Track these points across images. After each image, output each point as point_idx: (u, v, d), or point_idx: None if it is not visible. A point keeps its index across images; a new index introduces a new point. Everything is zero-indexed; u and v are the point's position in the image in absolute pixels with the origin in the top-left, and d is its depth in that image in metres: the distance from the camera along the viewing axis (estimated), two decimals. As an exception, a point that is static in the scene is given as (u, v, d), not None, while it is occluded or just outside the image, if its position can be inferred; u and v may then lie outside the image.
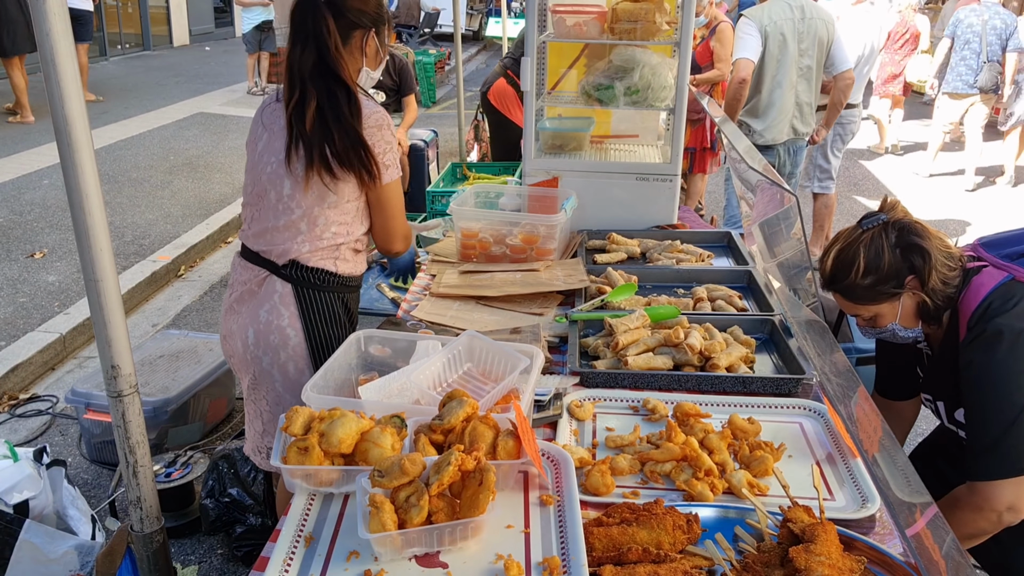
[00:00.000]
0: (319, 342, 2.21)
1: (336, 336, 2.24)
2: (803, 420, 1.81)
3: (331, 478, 1.43)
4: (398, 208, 2.23)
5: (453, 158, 6.30)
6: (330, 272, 2.19)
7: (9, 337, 4.51)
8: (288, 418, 1.45)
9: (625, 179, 3.12)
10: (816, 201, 6.04)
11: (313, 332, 2.21)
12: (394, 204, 2.21)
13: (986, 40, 7.65)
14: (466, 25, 17.68)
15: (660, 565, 1.23)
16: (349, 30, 2.11)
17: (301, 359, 2.20)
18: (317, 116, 2.05)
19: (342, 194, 2.12)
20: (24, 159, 7.93)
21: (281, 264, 2.17)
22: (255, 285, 2.21)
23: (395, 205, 2.21)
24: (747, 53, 4.65)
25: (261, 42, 11.33)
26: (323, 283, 2.20)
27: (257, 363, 2.20)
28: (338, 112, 2.05)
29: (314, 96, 2.05)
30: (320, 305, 2.21)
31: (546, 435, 1.74)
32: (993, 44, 7.66)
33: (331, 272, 2.19)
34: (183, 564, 2.96)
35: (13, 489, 2.58)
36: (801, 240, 2.29)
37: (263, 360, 2.19)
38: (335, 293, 2.23)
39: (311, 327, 2.20)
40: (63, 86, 1.37)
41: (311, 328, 2.20)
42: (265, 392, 2.24)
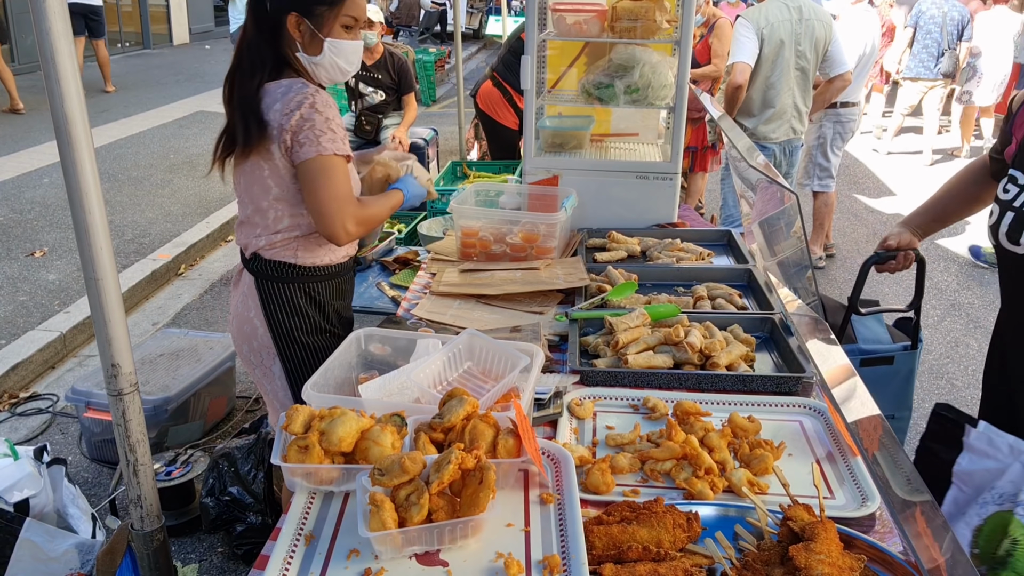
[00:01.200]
0: (281, 333, 2.24)
1: (299, 327, 2.25)
2: (803, 418, 1.81)
3: (331, 476, 1.43)
4: (326, 189, 2.03)
5: (453, 156, 6.30)
6: (289, 264, 2.19)
7: (9, 336, 4.51)
8: (288, 416, 1.45)
9: (625, 178, 3.12)
10: (816, 199, 6.04)
11: (274, 323, 2.24)
12: (319, 184, 2.02)
13: (946, 30, 8.49)
14: (466, 24, 17.67)
15: (660, 563, 1.23)
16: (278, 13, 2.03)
17: (267, 350, 2.26)
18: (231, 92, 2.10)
19: (276, 181, 2.09)
20: (24, 157, 7.93)
21: (247, 257, 2.24)
22: (238, 276, 2.32)
23: (321, 185, 2.02)
24: (743, 57, 4.65)
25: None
26: (282, 275, 2.21)
27: (240, 351, 2.33)
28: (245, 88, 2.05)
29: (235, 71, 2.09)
30: (280, 297, 2.22)
31: (546, 433, 1.74)
32: (952, 34, 8.52)
33: (290, 264, 2.19)
34: (183, 562, 2.96)
35: (13, 487, 2.58)
36: (801, 239, 2.29)
37: (243, 349, 2.31)
38: (296, 284, 2.22)
39: (272, 318, 2.24)
40: (63, 84, 1.37)
41: (272, 319, 2.24)
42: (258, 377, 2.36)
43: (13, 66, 10.55)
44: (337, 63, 2.10)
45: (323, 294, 2.28)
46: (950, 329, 5.10)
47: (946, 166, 9.19)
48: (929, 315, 5.31)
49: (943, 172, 8.97)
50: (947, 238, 6.76)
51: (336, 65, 2.10)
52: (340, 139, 2.04)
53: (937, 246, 6.60)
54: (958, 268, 6.12)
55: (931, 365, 4.63)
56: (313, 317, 2.26)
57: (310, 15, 2.02)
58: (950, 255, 6.40)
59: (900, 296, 5.61)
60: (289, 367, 2.28)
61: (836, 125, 5.71)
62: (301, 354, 2.27)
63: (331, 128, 2.02)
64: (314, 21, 2.03)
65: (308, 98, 2.01)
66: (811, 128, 5.70)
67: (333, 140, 2.02)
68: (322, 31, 2.04)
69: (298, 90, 2.02)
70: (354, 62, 2.14)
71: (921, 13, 8.61)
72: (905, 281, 5.89)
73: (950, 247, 6.58)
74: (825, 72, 4.91)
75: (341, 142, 2.05)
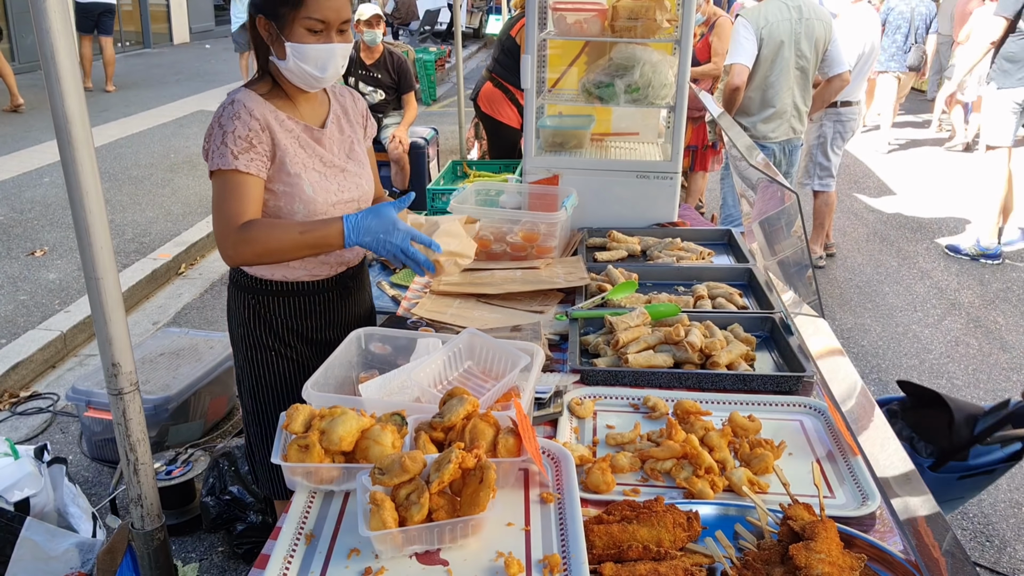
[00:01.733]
0: (233, 338, 2.24)
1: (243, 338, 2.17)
2: (803, 418, 1.81)
3: (332, 476, 1.43)
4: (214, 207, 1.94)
5: (454, 156, 6.30)
6: (244, 273, 2.13)
7: (10, 335, 4.52)
8: (289, 416, 1.45)
9: (626, 177, 3.12)
10: (816, 199, 6.04)
11: (232, 331, 2.24)
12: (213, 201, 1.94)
13: (914, 25, 9.01)
14: (466, 23, 17.67)
15: (660, 563, 1.23)
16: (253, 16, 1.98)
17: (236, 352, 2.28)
18: None
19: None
20: (24, 157, 7.94)
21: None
22: None
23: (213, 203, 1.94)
24: (742, 58, 4.64)
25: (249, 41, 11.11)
26: (239, 283, 2.16)
27: None
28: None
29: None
30: (234, 305, 2.19)
31: (546, 433, 1.74)
32: (920, 28, 9.05)
33: (245, 273, 2.13)
34: (184, 562, 2.96)
35: (14, 487, 2.59)
36: (801, 238, 2.29)
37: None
38: (246, 295, 2.14)
39: (230, 326, 2.24)
40: (63, 83, 1.37)
41: (230, 326, 2.24)
42: None
43: (14, 65, 10.56)
44: (304, 68, 1.95)
45: (273, 311, 2.13)
46: (950, 328, 5.10)
47: (934, 159, 9.20)
48: (929, 314, 5.31)
49: (943, 171, 8.97)
50: (947, 237, 6.76)
51: (303, 71, 1.95)
52: (232, 153, 1.89)
53: (937, 245, 6.60)
54: (959, 267, 6.12)
55: (932, 364, 4.63)
56: (257, 332, 2.15)
57: (274, 16, 1.93)
58: (950, 254, 6.40)
59: (900, 295, 5.61)
60: (238, 374, 2.27)
61: (836, 124, 5.71)
62: (243, 364, 2.21)
63: (224, 142, 1.89)
64: (278, 23, 1.93)
65: (221, 110, 1.95)
66: (811, 127, 5.69)
67: (223, 155, 1.89)
68: (284, 33, 1.92)
69: (227, 100, 1.97)
70: (327, 68, 1.96)
71: (890, 10, 9.05)
72: (906, 280, 5.89)
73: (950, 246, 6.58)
74: (824, 72, 4.91)
75: (232, 156, 1.89)
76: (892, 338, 4.97)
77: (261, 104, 1.97)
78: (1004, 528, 3.27)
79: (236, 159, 1.89)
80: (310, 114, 2.10)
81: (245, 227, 1.90)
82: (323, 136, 2.09)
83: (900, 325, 5.15)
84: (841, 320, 5.20)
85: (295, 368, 2.18)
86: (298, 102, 2.07)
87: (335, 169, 2.10)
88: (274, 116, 1.98)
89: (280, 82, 2.03)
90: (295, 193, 2.00)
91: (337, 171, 2.10)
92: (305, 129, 2.05)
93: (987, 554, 3.13)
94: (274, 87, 2.04)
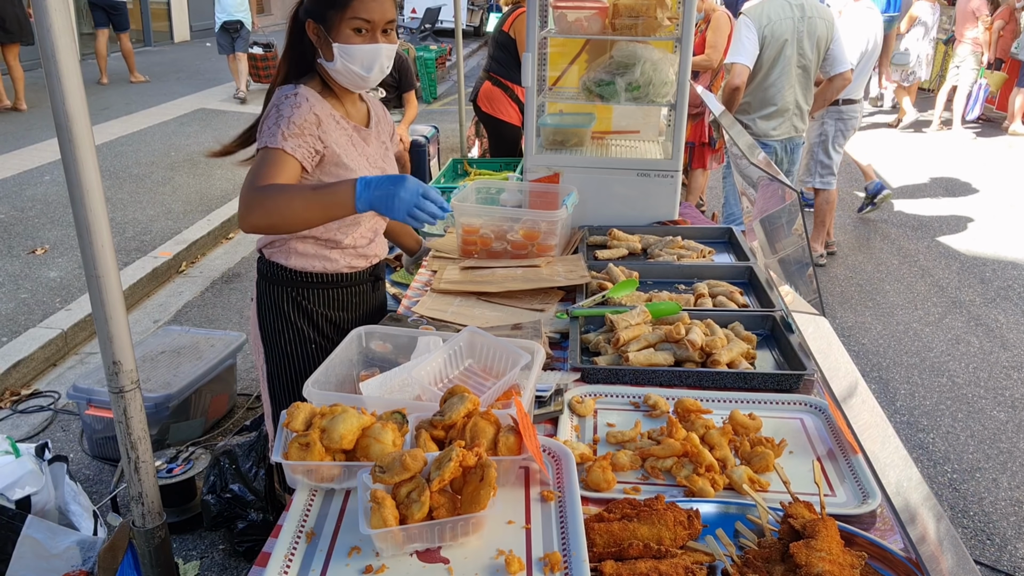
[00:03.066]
0: (268, 336, 2.25)
1: (284, 332, 2.22)
2: (804, 416, 1.81)
3: (332, 474, 1.43)
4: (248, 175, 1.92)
5: (454, 154, 6.30)
6: (281, 266, 2.19)
7: (11, 333, 4.52)
8: (289, 414, 1.46)
9: (626, 175, 3.12)
10: (817, 197, 6.03)
11: (264, 324, 2.25)
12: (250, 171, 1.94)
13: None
14: (467, 21, 17.66)
15: (661, 561, 1.23)
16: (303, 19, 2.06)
17: (257, 347, 2.29)
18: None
19: None
20: (25, 155, 7.94)
21: (258, 250, 2.26)
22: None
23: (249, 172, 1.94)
24: (743, 58, 4.63)
25: (233, 43, 10.74)
26: (275, 277, 2.20)
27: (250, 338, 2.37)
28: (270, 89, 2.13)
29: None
30: (270, 299, 2.22)
31: (547, 431, 1.74)
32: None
33: (282, 266, 2.19)
34: (185, 559, 2.97)
35: (15, 485, 2.59)
36: (802, 236, 2.29)
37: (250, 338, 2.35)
38: (286, 288, 2.20)
39: (263, 319, 2.25)
40: (64, 81, 1.37)
41: (262, 319, 2.25)
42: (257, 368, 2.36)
43: (14, 64, 10.60)
44: (351, 69, 2.03)
45: (314, 302, 2.22)
46: (951, 326, 5.09)
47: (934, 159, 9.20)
48: (930, 312, 5.31)
49: (944, 170, 8.97)
50: (947, 236, 6.76)
51: (351, 71, 2.03)
52: (283, 134, 1.92)
53: (939, 243, 6.60)
54: (959, 265, 6.12)
55: (932, 363, 4.63)
56: (299, 325, 2.22)
57: (322, 19, 2.01)
58: (951, 252, 6.40)
59: (901, 293, 5.61)
60: (271, 370, 2.27)
61: (838, 123, 5.70)
62: (283, 361, 2.24)
63: (278, 124, 1.94)
64: (326, 25, 2.00)
65: (282, 98, 2.00)
66: (813, 125, 5.69)
67: (272, 134, 1.93)
68: (331, 35, 2.00)
69: (285, 92, 2.02)
70: (372, 68, 2.04)
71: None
72: (907, 279, 5.89)
73: (951, 244, 6.58)
74: (826, 70, 4.91)
75: (282, 137, 1.92)
76: (893, 336, 4.97)
77: (320, 101, 2.05)
78: (1005, 526, 3.27)
79: (285, 140, 1.93)
80: (356, 115, 2.20)
81: (260, 189, 1.87)
82: (370, 136, 2.20)
83: (901, 323, 5.15)
84: (842, 318, 5.20)
85: None
86: (345, 102, 2.16)
87: (379, 170, 2.20)
88: (330, 114, 2.07)
89: (329, 83, 2.11)
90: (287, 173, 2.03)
91: (381, 172, 2.19)
92: (356, 128, 2.15)
93: (988, 552, 3.13)
94: (324, 87, 2.11)
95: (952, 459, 3.72)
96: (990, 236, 6.79)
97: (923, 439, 3.87)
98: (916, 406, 4.17)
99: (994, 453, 3.76)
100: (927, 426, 3.99)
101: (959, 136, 10.54)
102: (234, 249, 6.30)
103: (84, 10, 13.84)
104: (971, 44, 10.37)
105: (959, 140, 10.38)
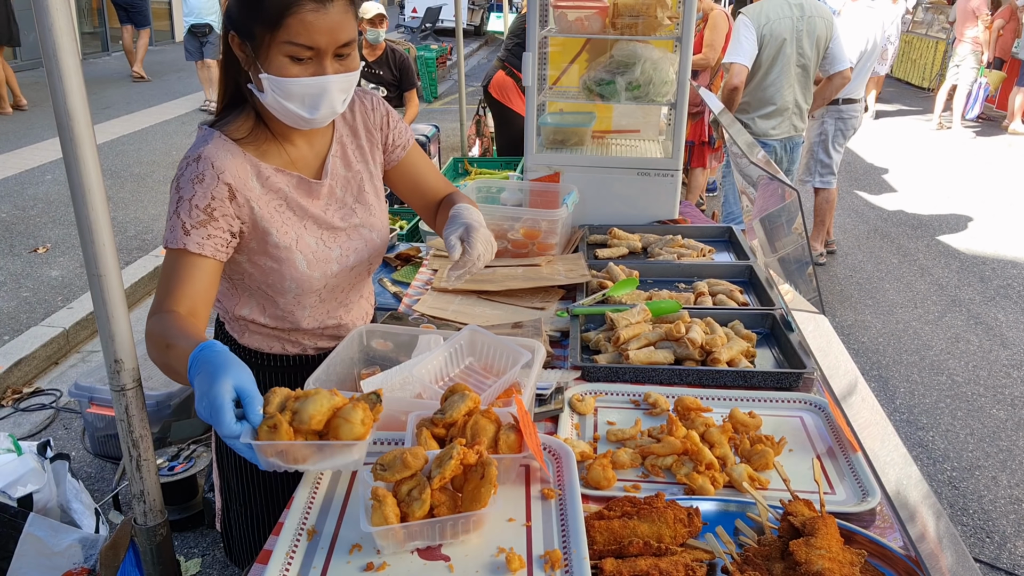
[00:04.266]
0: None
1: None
2: (804, 414, 1.81)
3: (304, 454, 1.33)
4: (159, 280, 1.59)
5: (455, 153, 6.30)
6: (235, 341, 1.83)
7: (13, 331, 4.52)
8: (266, 399, 1.33)
9: (626, 174, 3.12)
10: (817, 196, 6.04)
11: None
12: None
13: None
14: (467, 20, 17.65)
15: (661, 558, 1.24)
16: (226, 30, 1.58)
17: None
18: None
19: None
20: (27, 154, 7.94)
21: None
22: None
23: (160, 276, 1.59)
24: (742, 58, 4.63)
25: (202, 48, 9.93)
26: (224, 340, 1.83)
27: None
28: None
29: None
30: None
31: (547, 429, 1.75)
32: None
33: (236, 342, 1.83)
34: (186, 557, 2.97)
35: (17, 483, 2.59)
36: (802, 235, 2.29)
37: None
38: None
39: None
40: (65, 81, 1.37)
41: None
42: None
43: (15, 63, 10.64)
44: (287, 107, 1.51)
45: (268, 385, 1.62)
46: (951, 325, 5.10)
47: (935, 158, 9.20)
48: (930, 311, 5.31)
49: (944, 168, 8.96)
50: (947, 234, 6.76)
51: (287, 109, 1.52)
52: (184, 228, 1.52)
53: (938, 242, 6.60)
54: (959, 264, 6.12)
55: (932, 361, 4.63)
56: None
57: (248, 36, 1.50)
58: (951, 251, 6.40)
59: (900, 292, 5.61)
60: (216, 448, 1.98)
61: (838, 122, 5.70)
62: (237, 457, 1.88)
63: (177, 213, 1.53)
64: (253, 46, 1.49)
65: (183, 167, 1.57)
66: (813, 124, 5.69)
67: (172, 229, 1.53)
68: (260, 61, 1.49)
69: (189, 152, 1.59)
70: (318, 106, 1.53)
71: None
72: (907, 277, 5.89)
73: (950, 243, 6.58)
74: (825, 69, 4.91)
75: (183, 232, 1.52)
76: (892, 335, 4.98)
77: (238, 157, 1.58)
78: (1004, 524, 3.27)
79: (187, 235, 1.51)
80: (307, 154, 1.70)
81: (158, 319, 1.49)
82: (321, 189, 1.71)
83: (900, 322, 5.16)
84: (842, 317, 5.20)
85: None
86: (291, 140, 1.67)
87: (334, 232, 1.73)
88: (255, 172, 1.61)
89: (264, 117, 1.63)
90: (284, 270, 1.66)
91: (338, 233, 1.74)
92: (299, 184, 1.68)
93: (987, 550, 3.13)
94: (257, 124, 1.64)
95: (952, 457, 3.72)
96: (990, 235, 6.79)
97: (923, 437, 3.88)
98: (916, 404, 4.18)
99: (993, 451, 3.77)
100: (927, 424, 3.99)
101: (959, 135, 10.56)
102: (235, 248, 6.30)
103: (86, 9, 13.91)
104: (971, 43, 10.37)
105: (959, 139, 10.40)
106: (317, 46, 1.47)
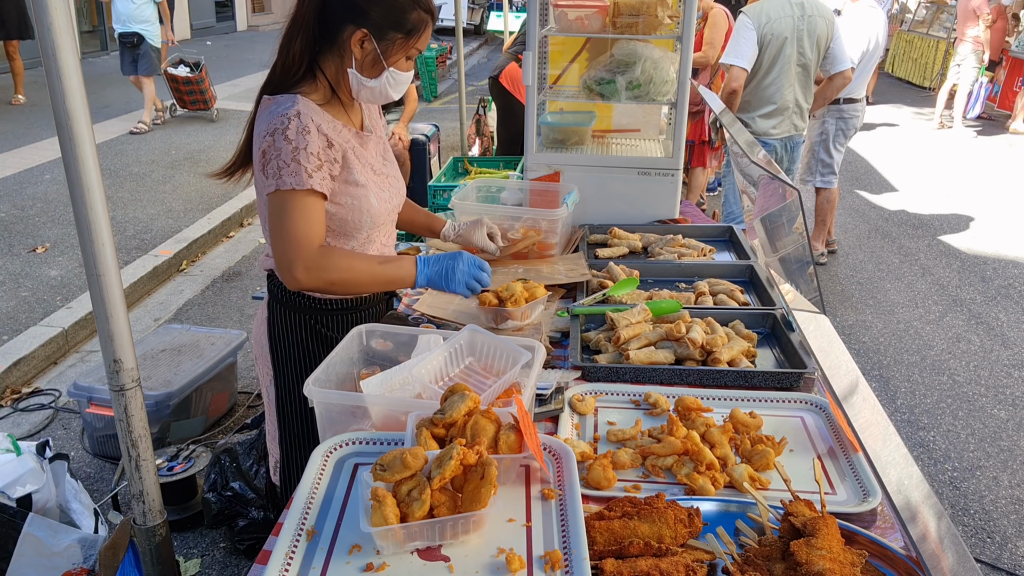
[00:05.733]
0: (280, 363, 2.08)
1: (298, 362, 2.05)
2: (804, 414, 1.81)
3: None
4: (277, 229, 1.83)
5: (455, 152, 6.30)
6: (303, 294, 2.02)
7: (11, 331, 4.52)
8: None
9: (627, 173, 3.12)
10: (818, 196, 6.04)
11: (276, 351, 2.08)
12: (274, 222, 1.83)
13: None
14: (467, 19, 17.64)
15: (661, 558, 1.23)
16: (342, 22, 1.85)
17: (266, 370, 2.12)
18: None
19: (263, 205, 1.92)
20: (26, 154, 7.94)
21: (266, 271, 2.09)
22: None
23: (274, 223, 1.83)
24: (741, 60, 4.62)
25: (135, 62, 8.76)
26: (289, 302, 2.04)
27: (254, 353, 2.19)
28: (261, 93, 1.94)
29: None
30: (285, 326, 2.05)
31: (548, 429, 1.74)
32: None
33: (302, 294, 2.03)
34: (186, 557, 2.97)
35: (16, 483, 2.59)
36: (803, 235, 2.29)
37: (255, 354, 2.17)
38: (302, 315, 2.04)
39: (275, 346, 2.08)
40: (64, 80, 1.37)
41: (275, 347, 2.08)
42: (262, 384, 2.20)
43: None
44: (388, 91, 1.94)
45: (333, 329, 2.06)
46: (952, 325, 5.09)
47: (935, 158, 9.20)
48: (931, 311, 5.31)
49: (944, 168, 8.96)
50: (948, 234, 6.76)
51: (386, 93, 1.94)
52: (307, 171, 1.79)
53: (939, 242, 6.60)
54: (960, 264, 6.12)
55: (933, 361, 4.63)
56: (316, 353, 2.02)
57: (381, 38, 1.86)
58: (952, 251, 6.40)
59: (901, 292, 5.61)
60: (282, 395, 2.12)
61: (839, 121, 5.70)
62: (296, 392, 2.06)
63: (297, 160, 1.78)
64: (382, 45, 1.86)
65: (285, 122, 1.80)
66: (814, 124, 5.69)
67: (296, 173, 1.78)
68: (387, 57, 1.88)
69: (282, 111, 1.82)
70: (401, 91, 1.97)
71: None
72: (908, 277, 5.88)
73: (951, 243, 6.58)
74: (826, 69, 4.90)
75: (307, 175, 1.79)
76: (893, 335, 4.97)
77: (320, 115, 1.89)
78: (1005, 524, 3.27)
79: (311, 178, 1.80)
80: (355, 118, 2.05)
81: (322, 253, 1.84)
82: (369, 141, 2.05)
83: (901, 322, 5.15)
84: (842, 317, 5.20)
85: None
86: (351, 106, 2.03)
87: (382, 176, 2.06)
88: (332, 127, 1.91)
89: (338, 91, 1.95)
90: (362, 205, 1.96)
91: (384, 177, 2.07)
92: (356, 136, 2.00)
93: (988, 550, 3.13)
94: (332, 96, 1.96)
95: (953, 457, 3.72)
96: (991, 234, 6.79)
97: (924, 437, 3.87)
98: (917, 404, 4.17)
99: (995, 451, 3.76)
100: (928, 424, 3.99)
101: (960, 135, 10.56)
102: (234, 247, 6.30)
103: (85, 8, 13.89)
104: (972, 43, 10.37)
105: (960, 139, 10.40)
106: (423, 49, 1.95)
